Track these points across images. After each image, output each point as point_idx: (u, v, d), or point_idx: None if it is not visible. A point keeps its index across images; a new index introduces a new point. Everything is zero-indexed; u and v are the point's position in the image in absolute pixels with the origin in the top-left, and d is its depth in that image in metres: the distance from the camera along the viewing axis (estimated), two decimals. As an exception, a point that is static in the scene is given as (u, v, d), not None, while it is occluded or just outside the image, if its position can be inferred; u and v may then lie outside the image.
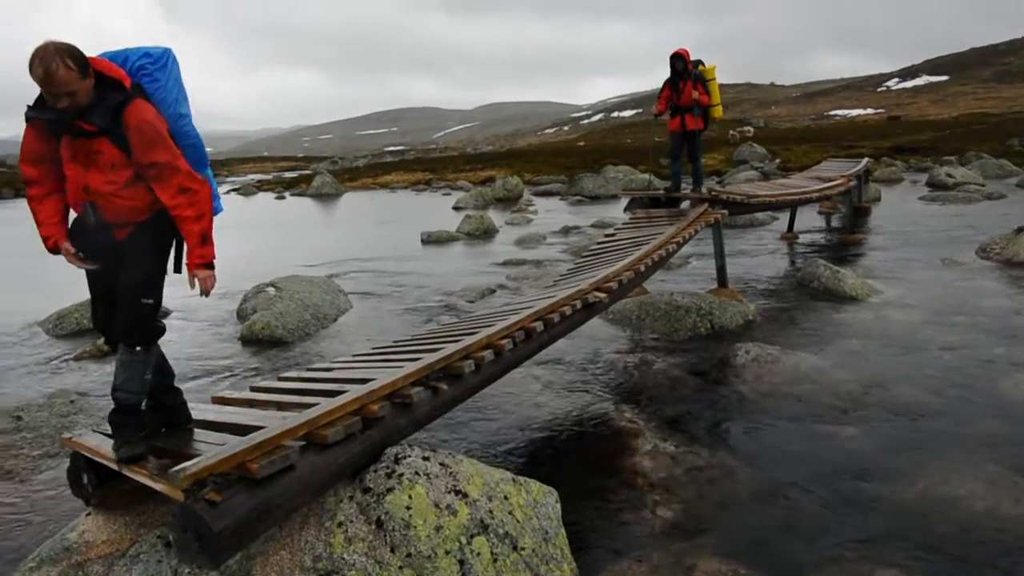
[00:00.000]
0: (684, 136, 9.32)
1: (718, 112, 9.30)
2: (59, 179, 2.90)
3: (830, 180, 14.37)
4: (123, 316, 2.91)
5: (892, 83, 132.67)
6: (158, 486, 2.62)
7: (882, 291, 9.12)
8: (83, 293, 3.02)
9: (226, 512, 2.40)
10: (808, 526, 3.72)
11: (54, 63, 2.52)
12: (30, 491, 4.57)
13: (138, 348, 2.93)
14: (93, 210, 2.85)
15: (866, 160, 19.80)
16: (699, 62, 9.03)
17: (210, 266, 3.00)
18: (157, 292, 2.99)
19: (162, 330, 3.07)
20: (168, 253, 3.12)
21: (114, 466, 2.91)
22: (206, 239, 2.98)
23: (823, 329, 7.60)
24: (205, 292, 3.01)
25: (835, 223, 16.52)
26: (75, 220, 2.95)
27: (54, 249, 2.93)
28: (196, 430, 3.19)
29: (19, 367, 7.76)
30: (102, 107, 2.70)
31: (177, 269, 3.17)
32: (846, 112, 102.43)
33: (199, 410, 3.60)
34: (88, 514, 3.12)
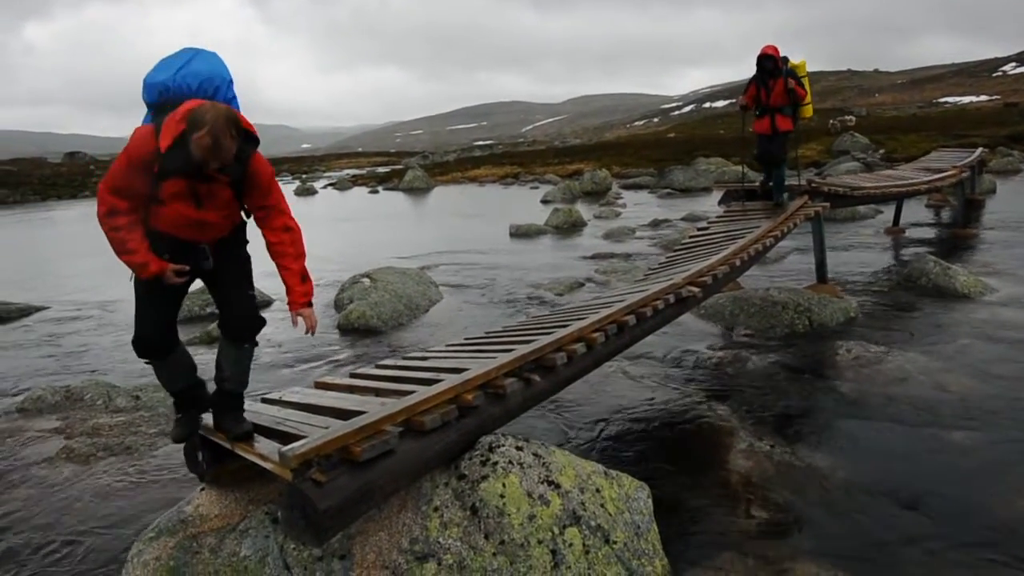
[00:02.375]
0: (772, 139, 8.54)
1: (808, 111, 8.62)
2: (142, 206, 2.84)
3: (940, 171, 13.54)
4: (238, 312, 3.06)
5: (1008, 68, 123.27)
6: (268, 465, 2.76)
7: (997, 289, 8.54)
8: (195, 282, 3.16)
9: (331, 492, 2.51)
10: (909, 533, 3.55)
11: (225, 137, 2.57)
12: (148, 466, 4.91)
13: (247, 345, 3.11)
14: (202, 243, 2.94)
15: (980, 150, 18.52)
16: (786, 59, 8.37)
17: (310, 304, 3.11)
18: (252, 284, 3.16)
19: (264, 322, 3.20)
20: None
21: (227, 445, 3.09)
22: (305, 277, 3.09)
23: (932, 328, 7.19)
24: (311, 330, 3.12)
25: (945, 217, 15.57)
26: (184, 248, 2.93)
27: (154, 274, 2.85)
28: (302, 413, 3.33)
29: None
30: (237, 159, 2.75)
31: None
32: (957, 99, 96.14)
33: (303, 394, 3.77)
34: (202, 489, 3.32)
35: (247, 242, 3.22)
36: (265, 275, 3.39)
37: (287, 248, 3.04)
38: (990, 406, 5.08)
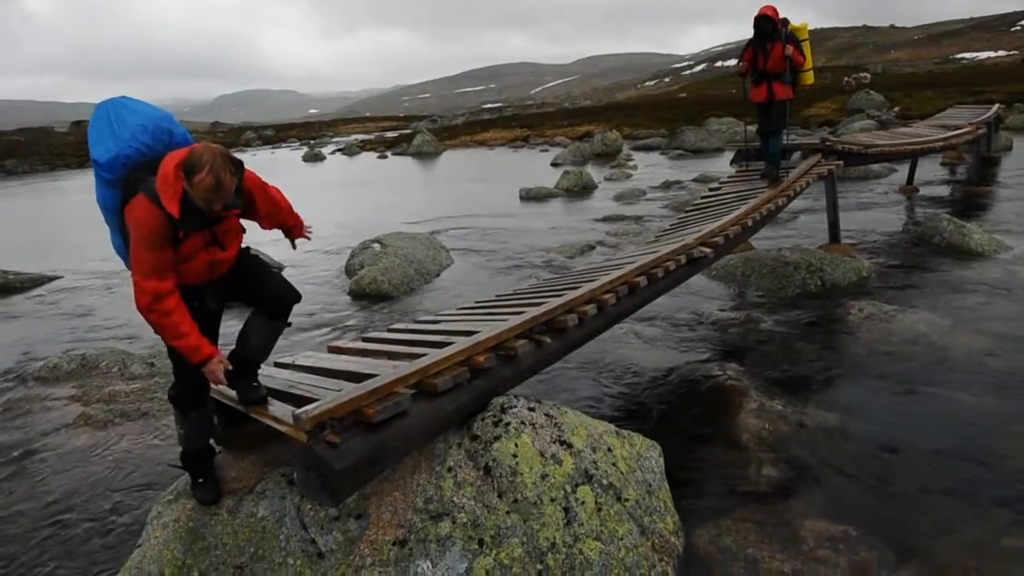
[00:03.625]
0: (770, 107, 7.95)
1: (809, 78, 7.95)
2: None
3: (956, 128, 13.30)
4: (275, 289, 3.09)
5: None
6: (283, 427, 2.79)
7: (1012, 247, 8.43)
8: None
9: (345, 453, 2.53)
10: (920, 491, 3.55)
11: (224, 173, 2.51)
12: (165, 431, 4.97)
13: (280, 322, 3.18)
14: (216, 284, 2.94)
15: (997, 106, 18.15)
16: (786, 21, 7.70)
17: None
18: None
19: (300, 296, 3.25)
20: None
21: (241, 408, 3.12)
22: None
23: (945, 287, 7.12)
24: (309, 238, 3.49)
25: (961, 175, 15.33)
26: (201, 290, 2.91)
27: (205, 359, 2.76)
28: (315, 376, 3.36)
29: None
30: (237, 192, 2.68)
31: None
32: (975, 55, 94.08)
33: (315, 358, 3.80)
34: (218, 452, 3.37)
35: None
36: (272, 242, 3.40)
37: (298, 219, 3.35)
38: (1003, 364, 5.05)
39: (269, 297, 3.10)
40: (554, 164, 25.87)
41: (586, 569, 2.69)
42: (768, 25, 7.52)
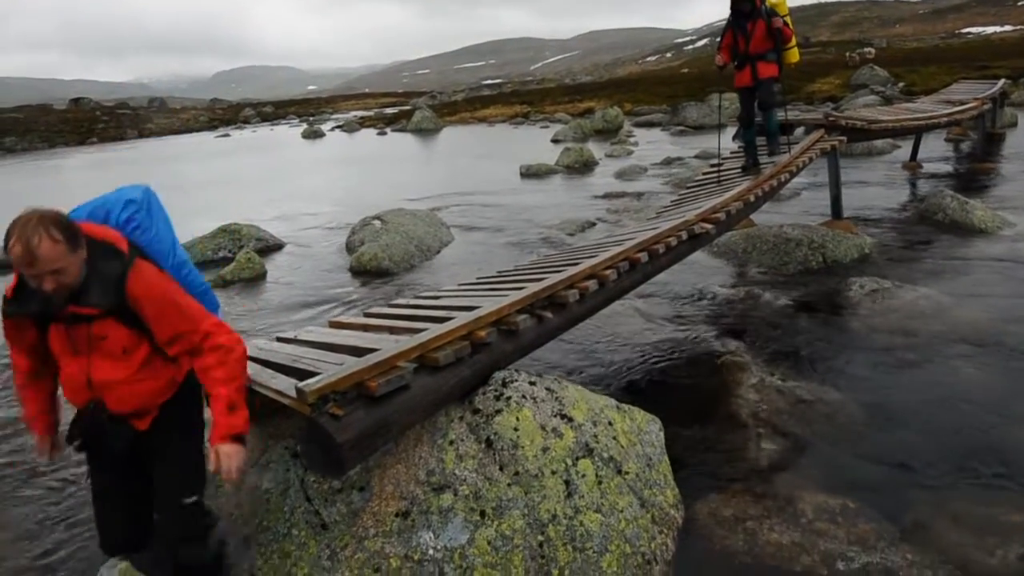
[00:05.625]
0: (755, 90, 7.36)
1: (794, 56, 7.37)
2: (52, 361, 2.34)
3: (960, 104, 13.21)
4: (172, 528, 2.40)
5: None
6: (286, 400, 2.80)
7: (1016, 224, 8.42)
8: (208, 225, 3.09)
9: (348, 425, 2.55)
10: (919, 464, 3.58)
11: (36, 236, 1.98)
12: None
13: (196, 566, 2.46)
14: (101, 408, 2.29)
15: (1002, 81, 18.01)
16: None
17: (239, 439, 2.30)
18: (201, 481, 2.50)
19: (214, 523, 2.69)
20: (203, 425, 2.55)
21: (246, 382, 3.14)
22: (235, 407, 2.31)
23: (947, 263, 7.13)
24: (228, 474, 2.25)
25: (965, 151, 15.25)
26: (77, 418, 2.34)
27: (38, 436, 2.45)
28: (318, 351, 3.37)
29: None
30: (99, 283, 2.16)
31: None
32: (981, 29, 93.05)
33: (317, 333, 3.81)
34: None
35: (202, 407, 2.55)
36: (276, 218, 3.37)
37: (215, 371, 2.30)
38: (1003, 340, 5.06)
39: (159, 534, 2.43)
40: (554, 141, 25.73)
41: (587, 540, 2.72)
42: (747, 4, 6.98)
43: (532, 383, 3.24)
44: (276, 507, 2.84)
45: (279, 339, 3.80)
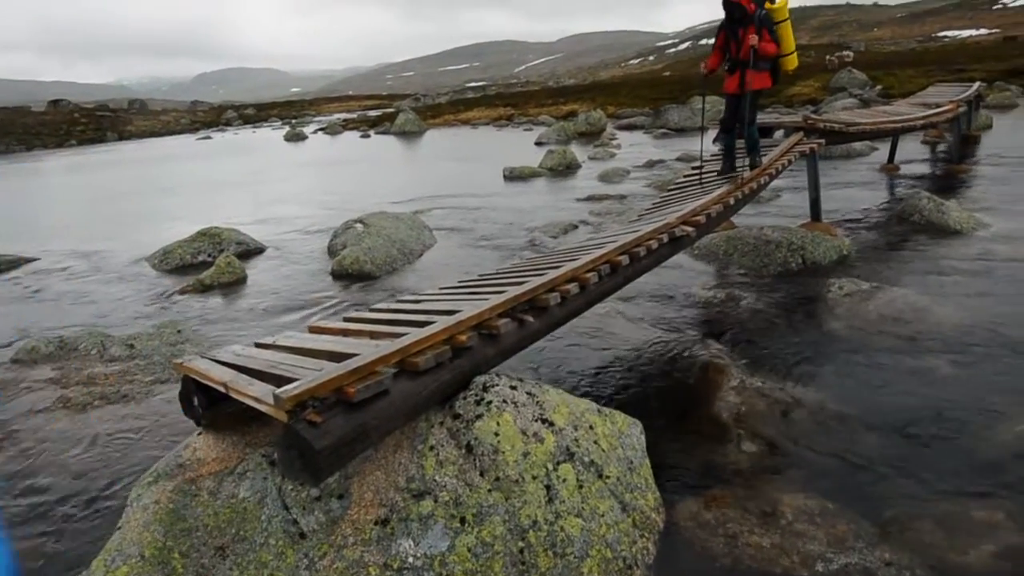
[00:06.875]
0: (741, 99, 7.08)
1: (791, 63, 7.09)
2: None
3: (937, 107, 13.36)
4: None
5: (1009, 0, 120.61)
6: (263, 407, 2.77)
7: (990, 225, 8.52)
8: (187, 229, 3.08)
9: (326, 432, 2.52)
10: (898, 465, 3.61)
11: None
12: (145, 413, 4.95)
13: None
14: None
15: (977, 84, 18.23)
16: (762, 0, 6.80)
17: None
18: None
19: None
20: None
21: (222, 389, 3.10)
22: None
23: (923, 265, 7.20)
24: None
25: (941, 153, 15.43)
26: None
27: None
28: (296, 356, 3.34)
29: (129, 300, 8.31)
30: None
31: None
32: (957, 33, 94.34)
33: (297, 339, 3.77)
34: (199, 434, 3.35)
35: None
36: (257, 222, 3.34)
37: None
38: (977, 339, 5.12)
39: None
40: (538, 143, 25.73)
41: (567, 546, 2.71)
42: (738, 11, 6.72)
43: (513, 387, 3.23)
44: (253, 516, 2.80)
45: (257, 345, 3.76)
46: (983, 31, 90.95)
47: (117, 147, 51.84)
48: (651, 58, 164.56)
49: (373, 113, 61.96)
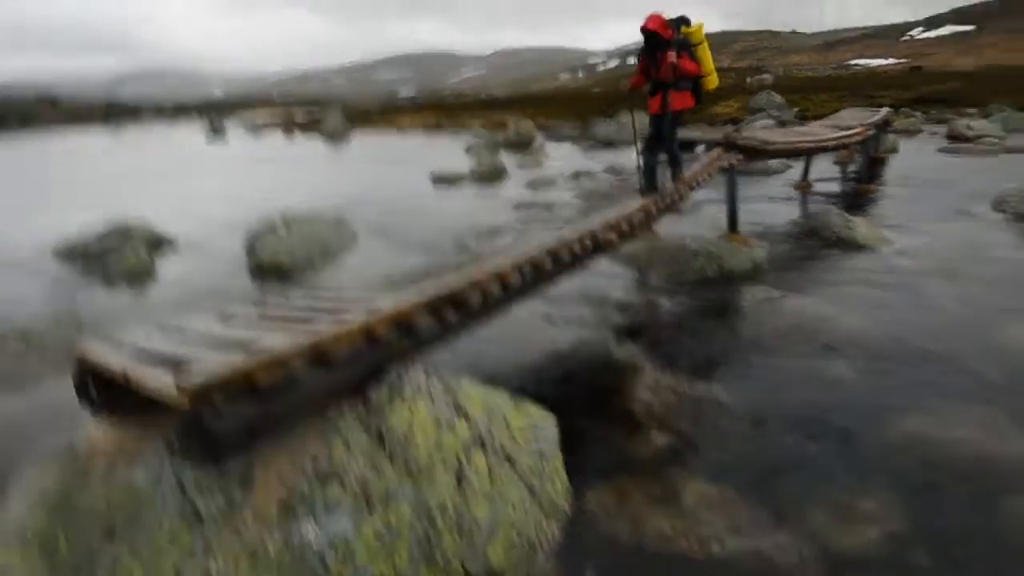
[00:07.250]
0: (663, 119, 7.15)
1: (712, 82, 7.20)
2: None
3: (848, 129, 14.10)
4: None
5: (916, 32, 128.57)
6: (165, 395, 2.68)
7: (893, 241, 9.03)
8: (92, 220, 2.95)
9: (229, 421, 2.46)
10: (796, 457, 3.79)
11: None
12: (39, 401, 4.71)
13: None
14: None
15: (885, 110, 19.34)
16: (681, 20, 7.00)
17: None
18: None
19: None
20: None
21: (119, 377, 2.97)
22: None
23: (831, 276, 7.57)
24: None
25: (851, 173, 16.26)
26: None
27: None
28: (201, 341, 3.24)
29: (29, 290, 7.90)
30: None
31: None
32: (867, 62, 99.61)
33: (205, 323, 3.65)
34: (95, 421, 3.20)
35: None
36: (172, 216, 3.23)
37: None
38: (877, 344, 5.42)
39: None
40: (468, 150, 25.80)
41: (475, 529, 2.73)
42: (654, 38, 6.81)
43: (428, 378, 3.23)
44: (148, 500, 2.69)
45: (162, 327, 3.61)
46: (891, 60, 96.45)
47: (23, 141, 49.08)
48: (581, 74, 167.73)
49: (300, 117, 60.82)
